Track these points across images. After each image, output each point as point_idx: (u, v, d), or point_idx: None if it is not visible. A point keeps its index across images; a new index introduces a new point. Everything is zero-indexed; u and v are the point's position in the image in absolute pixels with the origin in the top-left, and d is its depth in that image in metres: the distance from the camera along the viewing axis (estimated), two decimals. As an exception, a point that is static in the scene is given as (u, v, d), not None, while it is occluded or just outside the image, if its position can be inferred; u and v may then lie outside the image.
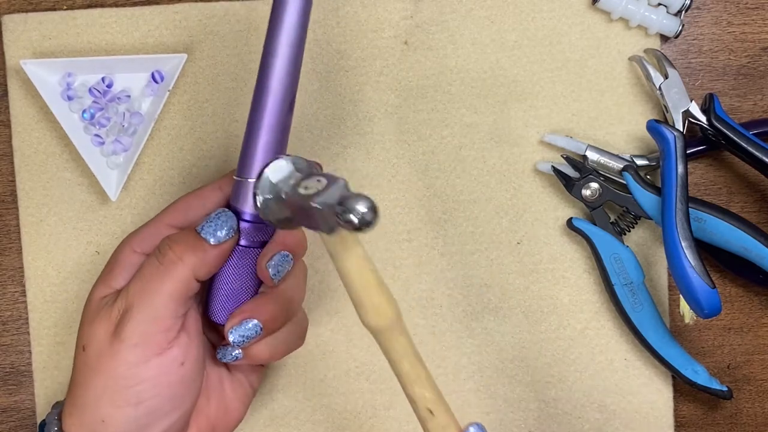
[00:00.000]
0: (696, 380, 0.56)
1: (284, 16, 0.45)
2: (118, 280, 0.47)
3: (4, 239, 0.58)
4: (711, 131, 0.55)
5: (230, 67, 0.57)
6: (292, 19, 0.45)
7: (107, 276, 0.47)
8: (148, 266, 0.45)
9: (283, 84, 0.46)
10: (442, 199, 0.58)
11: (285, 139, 0.47)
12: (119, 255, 0.47)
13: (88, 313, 0.46)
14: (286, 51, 0.45)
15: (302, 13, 0.46)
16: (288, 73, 0.46)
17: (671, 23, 0.57)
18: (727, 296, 0.59)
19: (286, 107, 0.46)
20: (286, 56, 0.46)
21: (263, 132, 0.46)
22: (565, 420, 0.58)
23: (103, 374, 0.44)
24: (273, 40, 0.45)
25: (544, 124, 0.58)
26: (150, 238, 0.47)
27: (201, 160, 0.57)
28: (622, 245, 0.56)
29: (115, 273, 0.47)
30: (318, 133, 0.57)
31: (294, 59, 0.46)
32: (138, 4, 0.57)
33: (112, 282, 0.47)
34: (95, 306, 0.46)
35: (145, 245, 0.47)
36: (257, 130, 0.46)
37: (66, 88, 0.55)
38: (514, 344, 0.58)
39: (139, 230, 0.48)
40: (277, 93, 0.46)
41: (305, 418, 0.58)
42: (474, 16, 0.58)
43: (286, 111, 0.46)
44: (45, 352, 0.57)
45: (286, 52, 0.45)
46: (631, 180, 0.55)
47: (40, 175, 0.57)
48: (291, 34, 0.46)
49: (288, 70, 0.46)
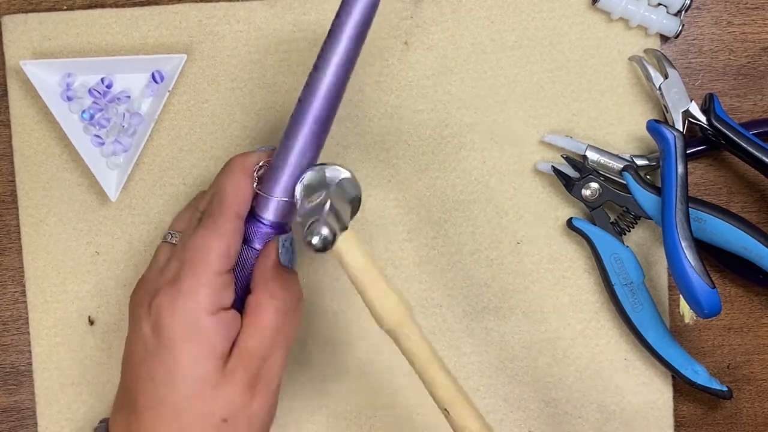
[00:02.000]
0: (696, 380, 0.56)
1: (341, 38, 0.46)
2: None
3: (4, 239, 0.58)
4: (711, 131, 0.55)
5: (230, 67, 0.57)
6: (347, 45, 0.46)
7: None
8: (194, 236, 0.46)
9: (327, 108, 0.47)
10: (442, 199, 0.58)
11: (316, 157, 0.48)
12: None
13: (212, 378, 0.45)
14: (334, 80, 0.47)
15: (358, 38, 0.46)
16: (333, 97, 0.47)
17: (671, 23, 0.57)
18: (727, 296, 0.59)
19: (325, 131, 0.48)
20: (334, 85, 0.47)
21: (294, 155, 0.47)
22: (565, 420, 0.58)
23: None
24: (324, 66, 0.46)
25: (544, 124, 0.58)
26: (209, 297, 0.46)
27: (201, 161, 0.57)
28: (622, 245, 0.56)
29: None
30: (318, 133, 0.57)
31: (342, 85, 0.47)
32: (138, 5, 0.57)
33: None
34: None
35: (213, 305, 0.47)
36: (289, 151, 0.47)
37: (66, 88, 0.55)
38: (514, 344, 0.58)
39: (182, 295, 0.46)
40: (319, 116, 0.47)
41: (305, 418, 0.58)
42: (474, 16, 0.58)
43: (323, 133, 0.48)
44: (45, 352, 0.57)
45: (334, 81, 0.47)
46: (631, 180, 0.55)
47: (40, 175, 0.57)
48: (344, 58, 0.46)
49: (333, 96, 0.47)
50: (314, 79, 0.46)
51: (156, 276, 0.47)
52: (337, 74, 0.46)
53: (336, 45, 0.46)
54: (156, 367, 0.44)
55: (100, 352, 0.58)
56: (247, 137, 0.57)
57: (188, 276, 0.44)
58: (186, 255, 0.45)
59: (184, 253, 0.45)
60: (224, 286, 0.45)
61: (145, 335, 0.44)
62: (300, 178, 0.46)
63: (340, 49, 0.46)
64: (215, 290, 0.44)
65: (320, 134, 0.47)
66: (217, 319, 0.44)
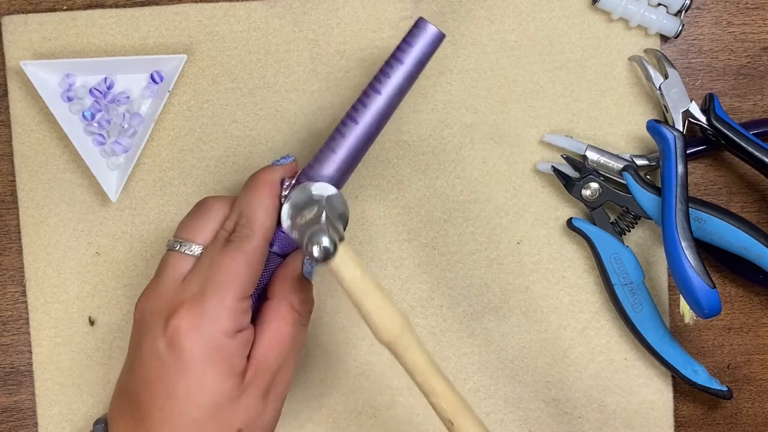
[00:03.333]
0: (696, 380, 0.56)
1: (406, 61, 0.48)
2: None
3: (4, 239, 0.58)
4: (711, 131, 0.55)
5: (230, 67, 0.57)
6: (410, 69, 0.48)
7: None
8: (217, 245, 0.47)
9: (378, 130, 0.49)
10: (442, 199, 0.58)
11: (354, 167, 0.50)
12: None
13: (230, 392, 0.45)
14: (391, 99, 0.48)
15: (421, 63, 0.48)
16: (385, 120, 0.49)
17: (671, 23, 0.57)
18: (727, 296, 0.59)
19: (364, 146, 0.49)
20: (390, 103, 0.48)
21: (337, 170, 0.48)
22: (565, 420, 0.58)
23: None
24: (385, 81, 0.48)
25: (544, 124, 0.58)
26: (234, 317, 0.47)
27: (201, 161, 0.57)
28: (622, 245, 0.56)
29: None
30: (318, 133, 0.57)
31: (395, 105, 0.49)
32: (138, 5, 0.57)
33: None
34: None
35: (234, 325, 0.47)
36: (333, 165, 0.48)
37: (66, 89, 0.55)
38: (514, 344, 0.58)
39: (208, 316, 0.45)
40: (371, 137, 0.49)
41: (305, 418, 0.58)
42: (474, 16, 0.58)
43: (362, 149, 0.49)
44: (45, 352, 0.57)
45: (391, 100, 0.48)
46: (631, 180, 0.55)
47: (40, 175, 0.57)
48: (404, 81, 0.48)
49: (386, 119, 0.49)
50: (372, 101, 0.48)
51: (173, 290, 0.45)
52: (393, 100, 0.48)
53: (398, 71, 0.48)
54: (175, 385, 0.43)
55: (100, 353, 0.58)
56: (247, 137, 0.57)
57: (213, 298, 0.44)
58: (212, 276, 0.44)
59: (210, 273, 0.45)
60: (245, 309, 0.45)
61: (160, 351, 0.44)
62: (286, 197, 0.47)
63: (402, 75, 0.48)
64: (238, 314, 0.44)
65: (359, 155, 0.49)
66: (237, 341, 0.44)
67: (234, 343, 0.44)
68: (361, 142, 0.48)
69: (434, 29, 0.47)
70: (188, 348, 0.43)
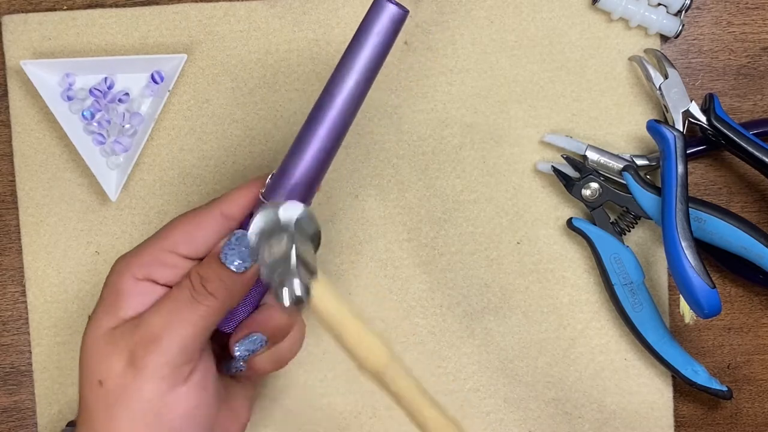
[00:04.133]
0: (696, 380, 0.56)
1: (366, 46, 0.42)
2: (126, 310, 0.44)
3: (4, 239, 0.58)
4: (711, 131, 0.55)
5: (230, 67, 0.57)
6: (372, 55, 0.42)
7: (111, 306, 0.44)
8: (176, 299, 0.43)
9: (344, 120, 0.43)
10: (442, 199, 0.58)
11: (321, 177, 0.45)
12: (120, 283, 0.44)
13: (97, 346, 0.43)
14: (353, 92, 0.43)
15: (384, 46, 0.42)
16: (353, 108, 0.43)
17: (671, 23, 0.57)
18: (727, 296, 0.59)
19: (334, 144, 0.44)
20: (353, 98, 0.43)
21: (303, 165, 0.44)
22: (565, 420, 0.58)
23: (131, 408, 0.42)
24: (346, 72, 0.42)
25: (544, 124, 0.58)
26: (151, 263, 0.44)
27: (201, 160, 0.57)
28: (622, 245, 0.56)
29: (121, 303, 0.44)
30: (318, 133, 0.57)
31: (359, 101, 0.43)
32: (138, 5, 0.57)
33: (120, 312, 0.44)
34: (106, 338, 0.43)
35: (147, 271, 0.44)
36: (298, 159, 0.44)
37: (66, 88, 0.55)
38: (514, 344, 0.58)
39: (136, 255, 0.45)
40: (335, 128, 0.43)
41: (305, 418, 0.58)
42: (474, 16, 0.58)
43: (330, 148, 0.44)
44: (45, 352, 0.57)
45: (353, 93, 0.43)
46: (631, 180, 0.55)
47: (40, 175, 0.57)
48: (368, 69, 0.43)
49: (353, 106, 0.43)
50: (338, 95, 0.43)
51: None
52: (362, 90, 0.43)
53: (362, 61, 0.42)
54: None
55: (100, 352, 0.58)
56: (247, 137, 0.57)
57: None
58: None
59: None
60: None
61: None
62: (249, 223, 0.42)
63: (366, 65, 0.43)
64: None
65: (333, 153, 0.44)
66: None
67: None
68: (330, 141, 0.43)
69: (393, 7, 0.42)
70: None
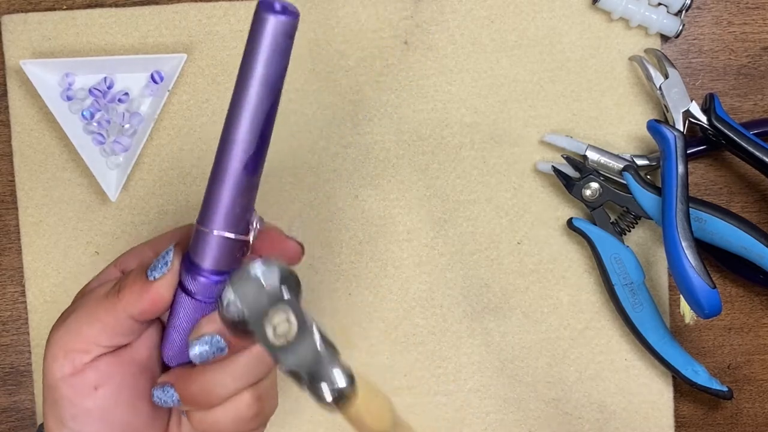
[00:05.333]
0: (696, 380, 0.56)
1: (257, 64, 0.36)
2: None
3: (4, 239, 0.58)
4: (711, 131, 0.55)
5: (230, 67, 0.57)
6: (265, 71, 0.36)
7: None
8: (96, 292, 0.43)
9: (247, 141, 0.37)
10: (442, 199, 0.58)
11: (253, 195, 0.39)
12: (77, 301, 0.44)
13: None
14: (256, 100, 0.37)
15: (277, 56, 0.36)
16: (253, 129, 0.37)
17: (671, 23, 0.57)
18: (728, 296, 0.59)
19: (251, 164, 0.38)
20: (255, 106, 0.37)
21: (227, 185, 0.38)
22: (565, 420, 0.58)
23: (45, 388, 0.43)
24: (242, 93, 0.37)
25: (544, 124, 0.58)
26: (106, 284, 0.44)
27: (201, 160, 0.57)
28: (622, 245, 0.56)
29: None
30: (318, 133, 0.57)
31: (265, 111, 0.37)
32: (138, 4, 0.57)
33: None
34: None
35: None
36: (220, 181, 0.38)
37: (66, 88, 0.55)
38: (514, 344, 0.58)
39: (96, 278, 0.45)
40: (241, 149, 0.37)
41: (305, 418, 0.58)
42: (474, 16, 0.58)
43: (250, 169, 0.38)
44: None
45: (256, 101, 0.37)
46: (632, 180, 0.55)
47: (39, 175, 0.57)
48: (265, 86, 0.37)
49: (254, 126, 0.37)
50: (241, 117, 0.37)
51: None
52: (265, 106, 0.37)
53: (257, 78, 0.36)
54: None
55: (99, 352, 0.57)
56: (247, 137, 0.57)
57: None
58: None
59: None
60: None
61: None
62: (224, 295, 0.36)
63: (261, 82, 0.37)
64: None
65: (256, 177, 0.39)
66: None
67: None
68: (248, 165, 0.38)
69: (272, 18, 0.35)
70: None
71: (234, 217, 0.39)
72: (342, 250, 0.58)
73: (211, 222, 0.39)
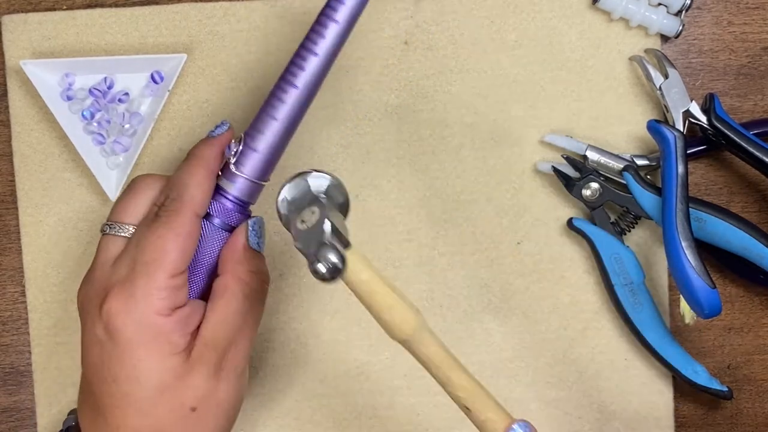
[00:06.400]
0: (696, 380, 0.56)
1: (340, 18, 0.46)
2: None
3: (4, 239, 0.58)
4: (711, 131, 0.55)
5: (230, 67, 0.57)
6: (344, 27, 0.47)
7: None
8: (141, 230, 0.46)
9: (313, 94, 0.47)
10: (442, 199, 0.58)
11: (293, 134, 0.48)
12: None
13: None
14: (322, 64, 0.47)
15: (354, 19, 0.47)
16: (319, 84, 0.47)
17: (671, 23, 0.57)
18: (728, 296, 0.59)
19: (301, 117, 0.48)
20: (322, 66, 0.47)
21: (276, 137, 0.47)
22: (565, 420, 0.58)
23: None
24: (321, 42, 0.46)
25: (544, 124, 0.58)
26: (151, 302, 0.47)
27: (201, 160, 0.57)
28: (622, 245, 0.56)
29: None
30: (318, 133, 0.57)
31: (326, 72, 0.47)
32: (138, 4, 0.57)
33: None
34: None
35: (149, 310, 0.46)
36: (270, 133, 0.47)
37: (66, 88, 0.55)
38: (514, 344, 0.58)
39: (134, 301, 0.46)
40: (306, 101, 0.47)
41: (305, 419, 0.58)
42: (474, 16, 0.58)
43: (300, 120, 0.48)
44: (45, 352, 0.57)
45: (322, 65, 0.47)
46: (632, 180, 0.55)
47: (39, 175, 0.57)
48: (340, 40, 0.47)
49: (320, 82, 0.47)
50: (309, 63, 0.46)
51: (105, 273, 0.45)
52: (329, 60, 0.47)
53: (332, 29, 0.46)
54: (117, 369, 0.43)
55: (99, 352, 0.57)
56: (247, 137, 0.57)
57: (142, 278, 0.43)
58: (140, 255, 0.44)
59: (137, 253, 0.44)
60: (179, 286, 0.44)
61: (99, 337, 0.44)
62: (281, 192, 0.44)
63: (336, 34, 0.46)
64: (170, 292, 0.44)
65: (299, 120, 0.47)
66: (173, 319, 0.44)
67: (170, 322, 0.44)
68: (302, 108, 0.47)
69: None
70: (122, 331, 0.43)
71: (272, 167, 0.48)
72: (342, 250, 0.58)
73: (258, 172, 0.47)
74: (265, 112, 0.47)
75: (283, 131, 0.47)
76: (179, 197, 0.45)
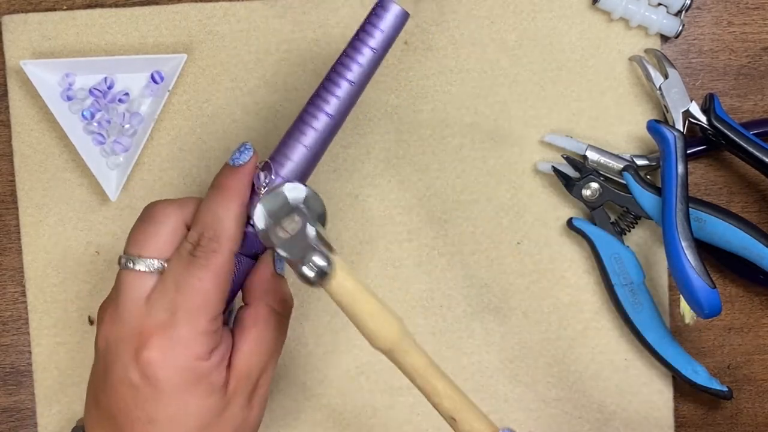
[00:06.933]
0: (696, 380, 0.56)
1: (376, 45, 0.45)
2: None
3: (4, 239, 0.58)
4: (711, 131, 0.55)
5: (230, 67, 0.57)
6: (379, 54, 0.46)
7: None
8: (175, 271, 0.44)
9: (343, 119, 0.47)
10: (442, 199, 0.58)
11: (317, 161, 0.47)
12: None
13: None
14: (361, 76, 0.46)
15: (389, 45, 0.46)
16: (355, 103, 0.47)
17: (671, 23, 0.57)
18: (728, 296, 0.59)
19: (336, 133, 0.47)
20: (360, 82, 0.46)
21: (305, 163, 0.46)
22: (565, 420, 0.58)
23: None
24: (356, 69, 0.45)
25: (544, 124, 0.58)
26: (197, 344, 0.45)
27: (201, 160, 0.57)
28: (622, 245, 0.56)
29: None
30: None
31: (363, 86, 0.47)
32: (138, 5, 0.57)
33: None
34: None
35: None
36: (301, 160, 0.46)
37: (66, 88, 0.55)
38: (514, 344, 0.58)
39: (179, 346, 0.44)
40: (337, 126, 0.47)
41: (305, 418, 0.58)
42: (474, 16, 0.58)
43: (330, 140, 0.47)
44: (45, 352, 0.57)
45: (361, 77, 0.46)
46: (632, 180, 0.55)
47: (39, 175, 0.57)
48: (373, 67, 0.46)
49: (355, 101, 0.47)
50: (343, 90, 0.45)
51: (138, 315, 0.43)
52: (363, 87, 0.46)
53: (367, 56, 0.45)
54: (154, 411, 0.42)
55: (99, 352, 0.57)
56: (247, 137, 0.57)
57: (185, 326, 0.42)
58: (181, 300, 0.42)
59: (177, 296, 0.42)
60: (218, 327, 0.44)
61: (133, 381, 0.42)
62: (256, 207, 0.43)
63: (372, 61, 0.45)
64: (210, 336, 0.43)
65: (327, 147, 0.47)
66: (212, 362, 0.43)
67: (209, 365, 0.43)
68: (332, 135, 0.46)
69: (399, 8, 0.45)
70: (164, 378, 0.42)
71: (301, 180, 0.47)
72: (342, 250, 0.58)
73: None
74: (294, 139, 0.46)
75: (312, 158, 0.46)
76: (216, 237, 0.43)
